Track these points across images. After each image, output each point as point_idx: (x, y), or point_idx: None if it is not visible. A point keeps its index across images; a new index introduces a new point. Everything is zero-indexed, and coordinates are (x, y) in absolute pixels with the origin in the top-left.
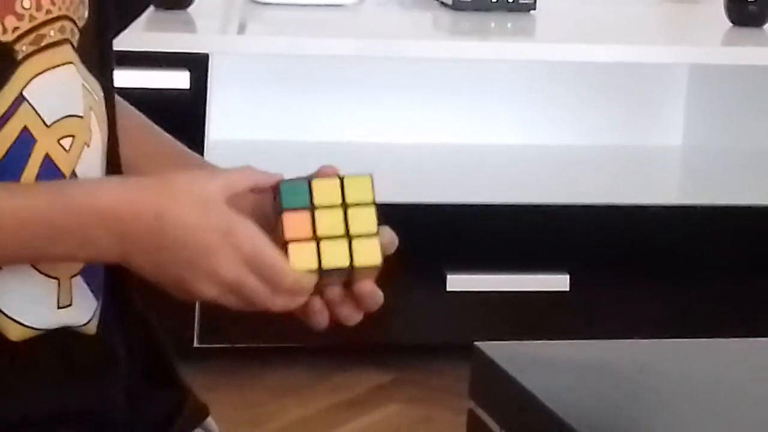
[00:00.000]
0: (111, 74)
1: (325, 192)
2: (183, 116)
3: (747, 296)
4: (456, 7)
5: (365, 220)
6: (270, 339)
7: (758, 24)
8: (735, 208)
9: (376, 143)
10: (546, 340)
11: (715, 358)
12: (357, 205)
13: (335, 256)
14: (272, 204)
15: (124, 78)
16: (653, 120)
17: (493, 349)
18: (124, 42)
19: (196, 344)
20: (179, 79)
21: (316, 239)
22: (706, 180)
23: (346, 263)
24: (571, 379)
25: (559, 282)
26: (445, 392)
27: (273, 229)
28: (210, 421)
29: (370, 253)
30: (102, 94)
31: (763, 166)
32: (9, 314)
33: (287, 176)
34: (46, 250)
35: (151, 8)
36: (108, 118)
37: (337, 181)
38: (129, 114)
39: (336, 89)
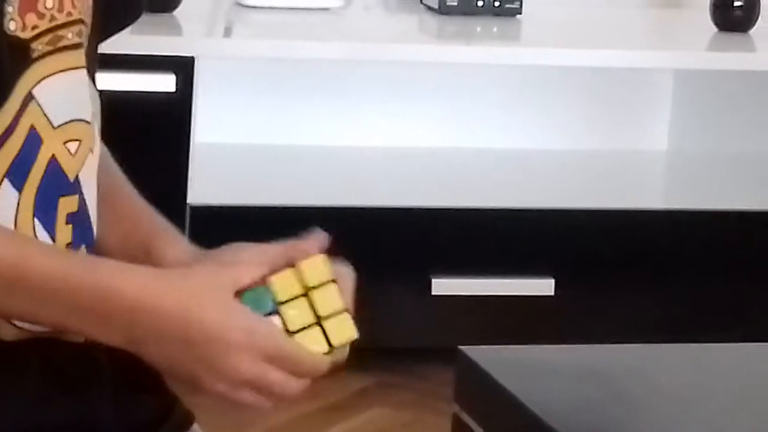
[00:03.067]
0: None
1: (285, 287)
2: (169, 119)
3: (732, 301)
4: (442, 11)
5: (330, 299)
6: None
7: (743, 29)
8: (720, 213)
9: (361, 147)
10: (531, 344)
11: (699, 363)
12: (318, 287)
13: (313, 343)
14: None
15: (109, 81)
16: (638, 125)
17: (478, 353)
18: (109, 45)
19: None
20: (165, 82)
21: (290, 333)
22: (692, 185)
23: (325, 348)
24: (556, 383)
25: (543, 286)
26: (429, 396)
27: None
28: (196, 427)
29: (344, 330)
30: (98, 103)
31: (748, 170)
32: None
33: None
34: (56, 318)
35: None
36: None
37: (291, 272)
38: (107, 168)
39: (322, 93)
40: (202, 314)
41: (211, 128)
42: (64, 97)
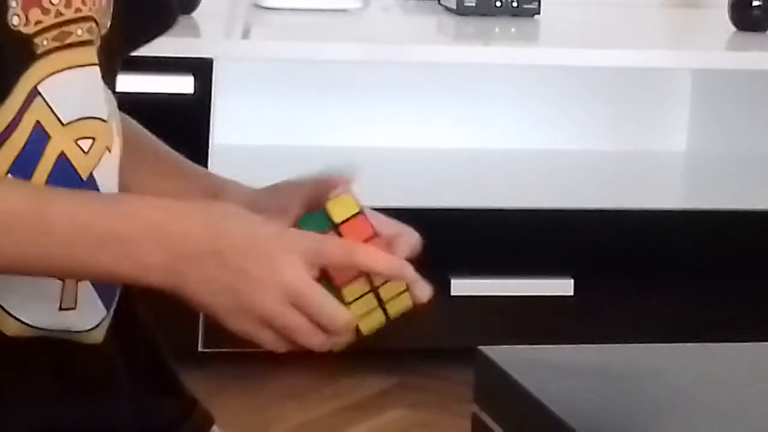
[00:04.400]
0: (115, 89)
1: (340, 211)
2: (187, 121)
3: (751, 300)
4: (460, 12)
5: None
6: None
7: (762, 29)
8: (739, 213)
9: (380, 148)
10: (550, 344)
11: (720, 362)
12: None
13: (367, 306)
14: None
15: (128, 82)
16: (657, 125)
17: (498, 353)
18: None
19: (200, 349)
20: (183, 84)
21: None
22: (710, 185)
23: (383, 321)
24: (575, 383)
25: (563, 286)
26: (449, 397)
27: None
28: (215, 429)
29: (402, 302)
30: (115, 104)
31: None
32: (8, 310)
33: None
34: (87, 260)
35: None
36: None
37: (347, 196)
38: (128, 125)
39: (340, 94)
40: (231, 227)
41: (229, 130)
42: (74, 93)
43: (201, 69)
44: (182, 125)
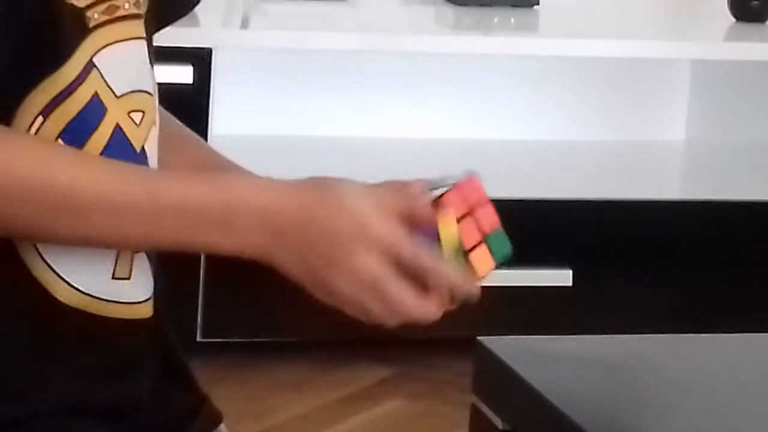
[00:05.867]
0: (153, 63)
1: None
2: (186, 111)
3: (751, 291)
4: (458, 1)
5: (490, 216)
6: (272, 334)
7: (761, 19)
8: (738, 203)
9: (378, 138)
10: (548, 335)
11: (719, 353)
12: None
13: (483, 262)
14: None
15: None
16: (656, 115)
17: (496, 343)
18: None
19: (198, 339)
20: (182, 74)
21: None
22: (709, 175)
23: (492, 264)
24: (574, 373)
25: (562, 277)
26: (447, 387)
27: None
28: (222, 427)
29: (503, 246)
30: (155, 79)
31: (766, 161)
32: (61, 274)
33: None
34: (192, 239)
35: None
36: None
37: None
38: (167, 119)
39: (338, 84)
40: (318, 211)
41: (228, 120)
42: (125, 66)
43: (200, 59)
44: (181, 115)
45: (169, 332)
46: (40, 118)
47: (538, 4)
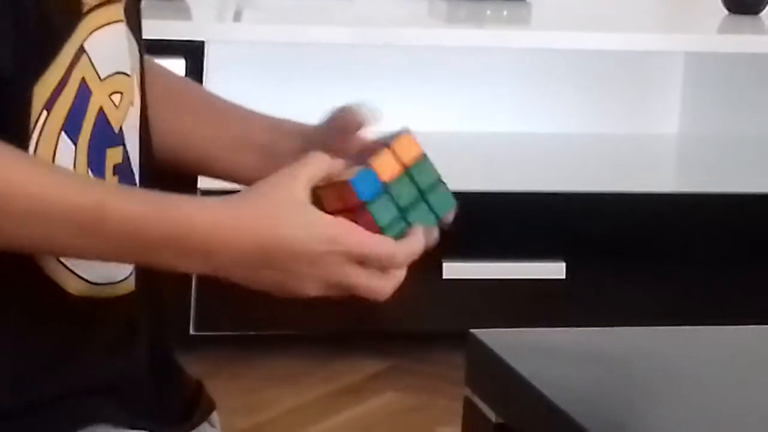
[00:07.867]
0: (142, 38)
1: (385, 167)
2: None
3: (744, 283)
4: None
5: (427, 172)
6: (266, 327)
7: (754, 12)
8: (731, 196)
9: (370, 131)
10: (542, 327)
11: (712, 346)
12: (414, 164)
13: (421, 219)
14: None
15: None
16: (649, 108)
17: (489, 336)
18: None
19: (192, 332)
20: (175, 67)
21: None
22: (703, 168)
23: (433, 221)
24: (567, 366)
25: (555, 270)
26: (441, 380)
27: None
28: (215, 415)
29: (445, 200)
30: (138, 56)
31: (760, 153)
32: (70, 267)
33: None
34: (136, 258)
35: None
36: (141, 81)
37: (387, 152)
38: (165, 74)
39: (332, 77)
40: (278, 236)
41: None
42: (109, 49)
43: (192, 52)
44: None
45: (157, 315)
46: (45, 113)
47: None
